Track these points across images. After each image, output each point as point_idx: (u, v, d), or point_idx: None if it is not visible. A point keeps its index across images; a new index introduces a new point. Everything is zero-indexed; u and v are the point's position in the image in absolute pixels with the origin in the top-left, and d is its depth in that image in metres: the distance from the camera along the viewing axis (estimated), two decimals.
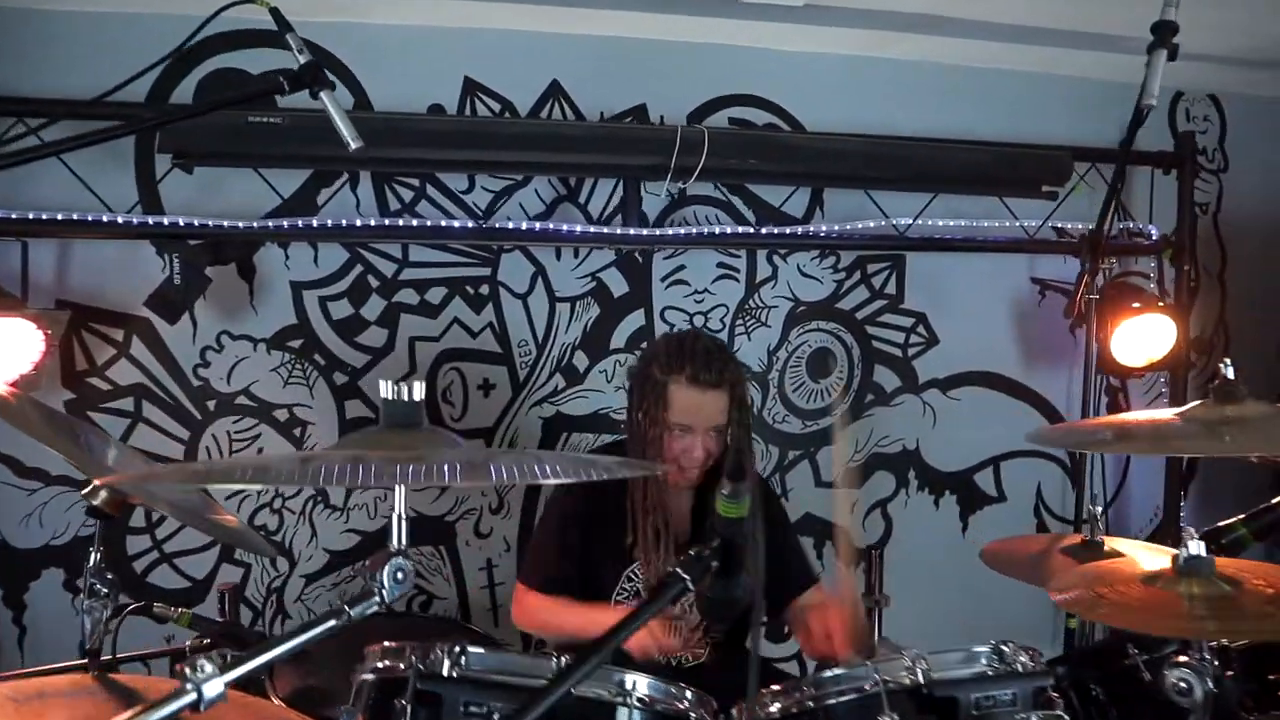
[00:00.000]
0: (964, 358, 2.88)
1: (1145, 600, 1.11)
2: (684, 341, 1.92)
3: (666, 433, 1.88)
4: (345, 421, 2.43)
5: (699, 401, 1.86)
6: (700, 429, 1.88)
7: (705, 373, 1.85)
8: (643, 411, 1.92)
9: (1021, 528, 2.97)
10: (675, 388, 1.87)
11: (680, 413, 1.87)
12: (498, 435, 2.55)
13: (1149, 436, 1.30)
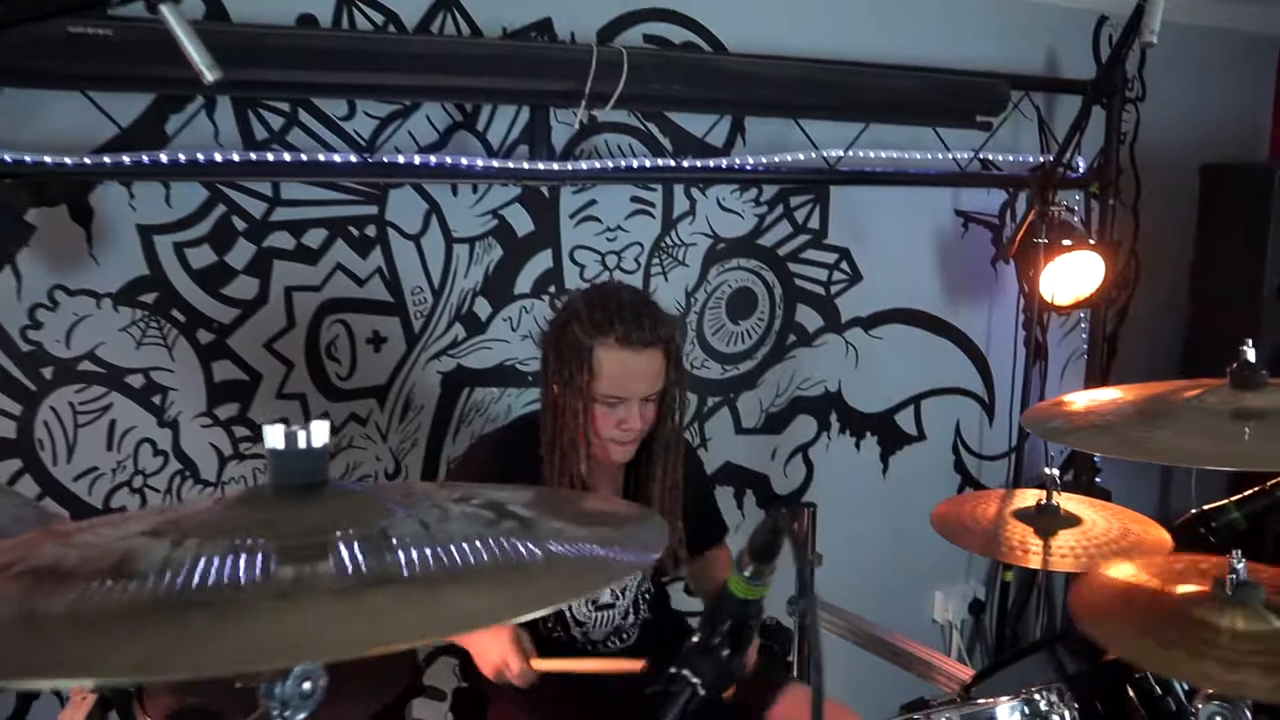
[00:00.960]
0: (887, 295, 2.76)
1: (1169, 632, 0.96)
2: (606, 295, 1.70)
3: (594, 405, 1.67)
4: (213, 386, 2.11)
5: (633, 366, 1.64)
6: (635, 398, 1.67)
7: (637, 330, 1.63)
8: (562, 382, 1.69)
9: (940, 466, 2.93)
10: (603, 352, 1.65)
11: (611, 381, 1.65)
12: (392, 393, 2.28)
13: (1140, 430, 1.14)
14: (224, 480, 2.15)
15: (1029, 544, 1.63)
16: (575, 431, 1.69)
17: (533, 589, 0.68)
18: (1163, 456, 0.94)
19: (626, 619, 1.86)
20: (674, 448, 1.78)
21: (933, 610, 2.95)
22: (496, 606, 0.65)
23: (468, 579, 0.67)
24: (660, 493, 1.78)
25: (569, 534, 0.76)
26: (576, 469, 1.72)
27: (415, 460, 2.32)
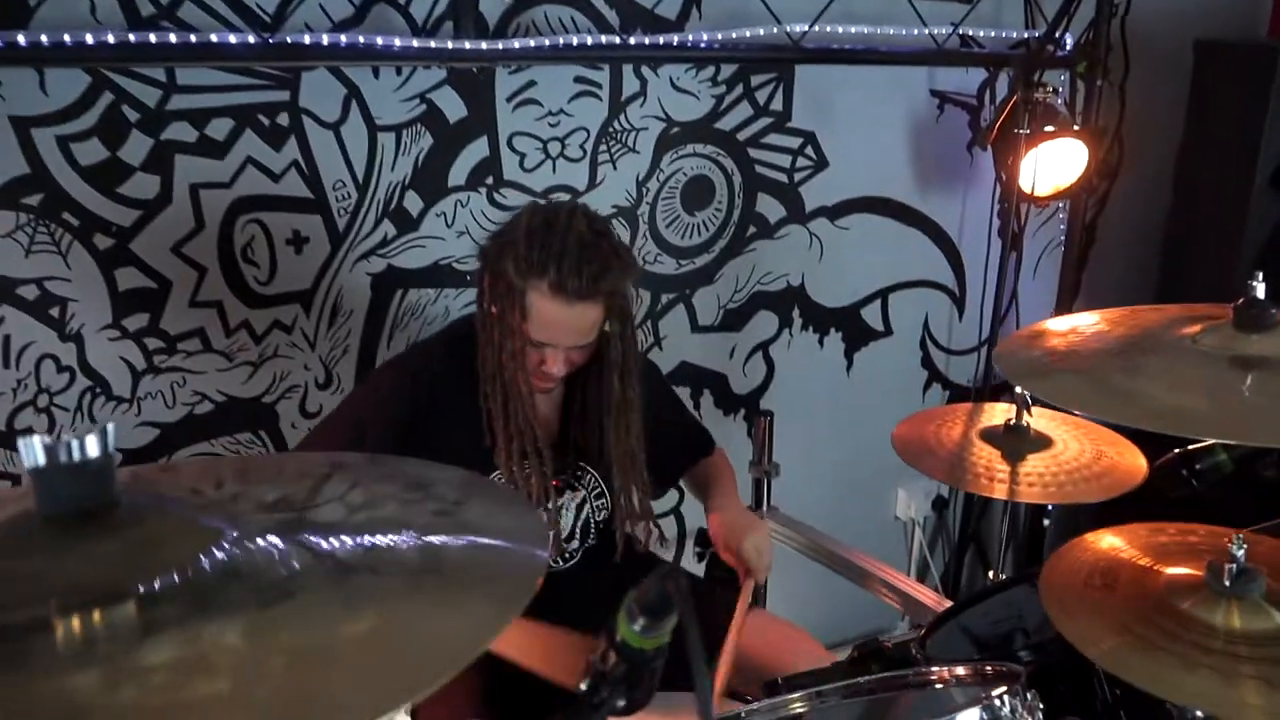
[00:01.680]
0: (854, 182, 2.58)
1: (1154, 630, 0.83)
2: (551, 229, 1.49)
3: (524, 342, 1.52)
4: (119, 296, 1.93)
5: (564, 318, 1.49)
6: (564, 346, 1.52)
7: (574, 279, 1.46)
8: (495, 314, 1.53)
9: (907, 363, 2.82)
10: (535, 296, 1.48)
11: (539, 328, 1.50)
12: (318, 297, 2.10)
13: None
14: (140, 396, 2.00)
15: (995, 470, 1.52)
16: (515, 368, 1.55)
17: (422, 659, 0.53)
18: (1150, 419, 0.80)
19: (570, 542, 1.75)
20: (624, 411, 1.64)
21: (895, 507, 2.90)
22: (372, 698, 0.49)
23: (332, 650, 0.52)
24: (617, 460, 1.67)
25: (442, 557, 0.62)
26: (516, 389, 1.57)
27: (348, 368, 2.17)
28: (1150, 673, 0.81)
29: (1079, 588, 0.91)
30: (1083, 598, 0.90)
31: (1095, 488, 1.41)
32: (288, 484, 0.73)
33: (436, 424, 1.65)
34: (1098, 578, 0.92)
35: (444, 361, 1.67)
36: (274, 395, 2.12)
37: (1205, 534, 1.00)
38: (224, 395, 2.07)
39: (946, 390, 2.90)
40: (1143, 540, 0.99)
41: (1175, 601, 0.90)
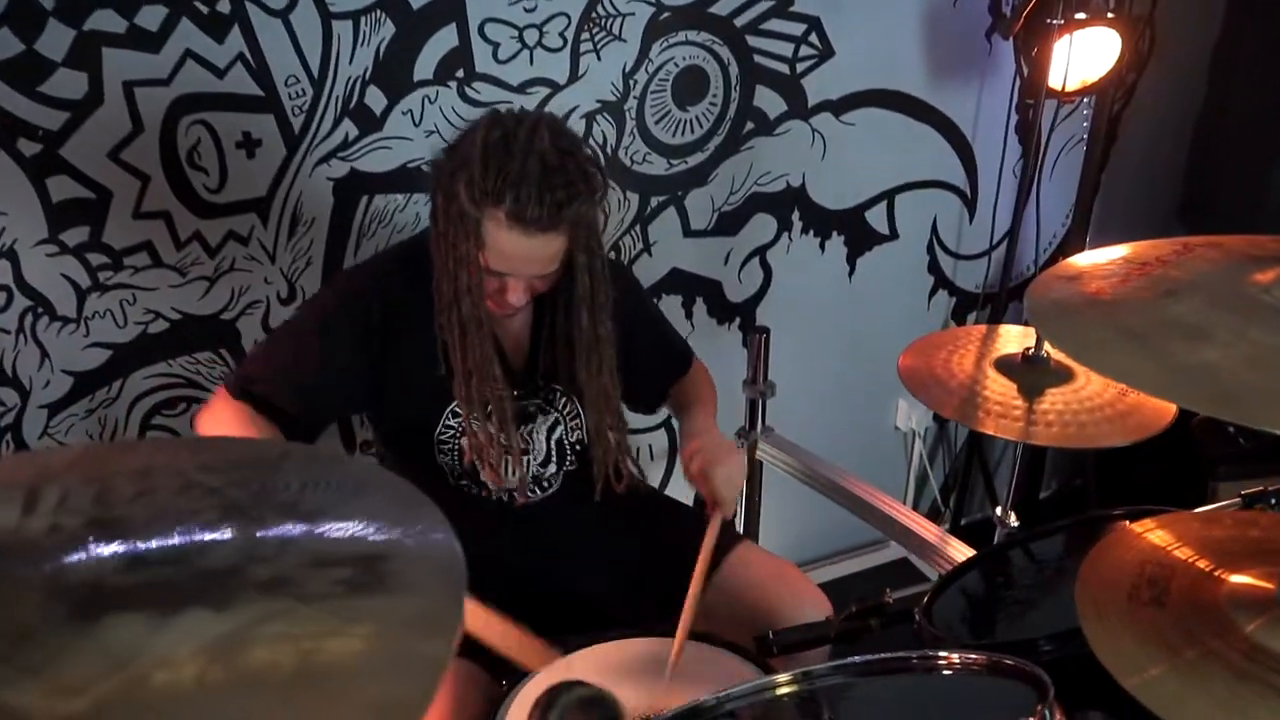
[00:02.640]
0: (862, 73, 2.36)
1: (1207, 657, 0.68)
2: (510, 149, 1.32)
3: (480, 272, 1.37)
4: (53, 208, 1.76)
5: (523, 248, 1.34)
6: (524, 276, 1.37)
7: (535, 208, 1.30)
8: (449, 239, 1.38)
9: (913, 268, 2.66)
10: (492, 225, 1.33)
11: (498, 258, 1.35)
12: (275, 205, 1.93)
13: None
14: (86, 316, 1.85)
15: (1011, 406, 1.39)
16: (473, 301, 1.42)
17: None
18: (1224, 406, 0.64)
19: (546, 468, 1.63)
20: (596, 347, 1.50)
21: (896, 418, 2.79)
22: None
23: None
24: (591, 401, 1.55)
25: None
26: (475, 321, 1.43)
27: (312, 281, 2.02)
28: (1200, 717, 0.67)
29: (1122, 601, 0.77)
30: (1127, 614, 0.77)
31: (1118, 429, 1.29)
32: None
33: (389, 351, 1.53)
34: (1145, 588, 0.77)
35: (397, 282, 1.53)
36: (234, 311, 1.97)
37: (1269, 525, 0.87)
38: (179, 313, 1.92)
39: (953, 297, 2.74)
40: (1197, 534, 0.84)
41: (1238, 621, 0.75)
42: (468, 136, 1.37)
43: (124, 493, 0.55)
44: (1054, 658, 0.87)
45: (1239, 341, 0.73)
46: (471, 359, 1.44)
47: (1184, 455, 2.22)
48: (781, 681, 0.92)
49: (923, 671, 0.91)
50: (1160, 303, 0.84)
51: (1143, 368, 0.73)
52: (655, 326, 1.80)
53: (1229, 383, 0.68)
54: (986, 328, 1.62)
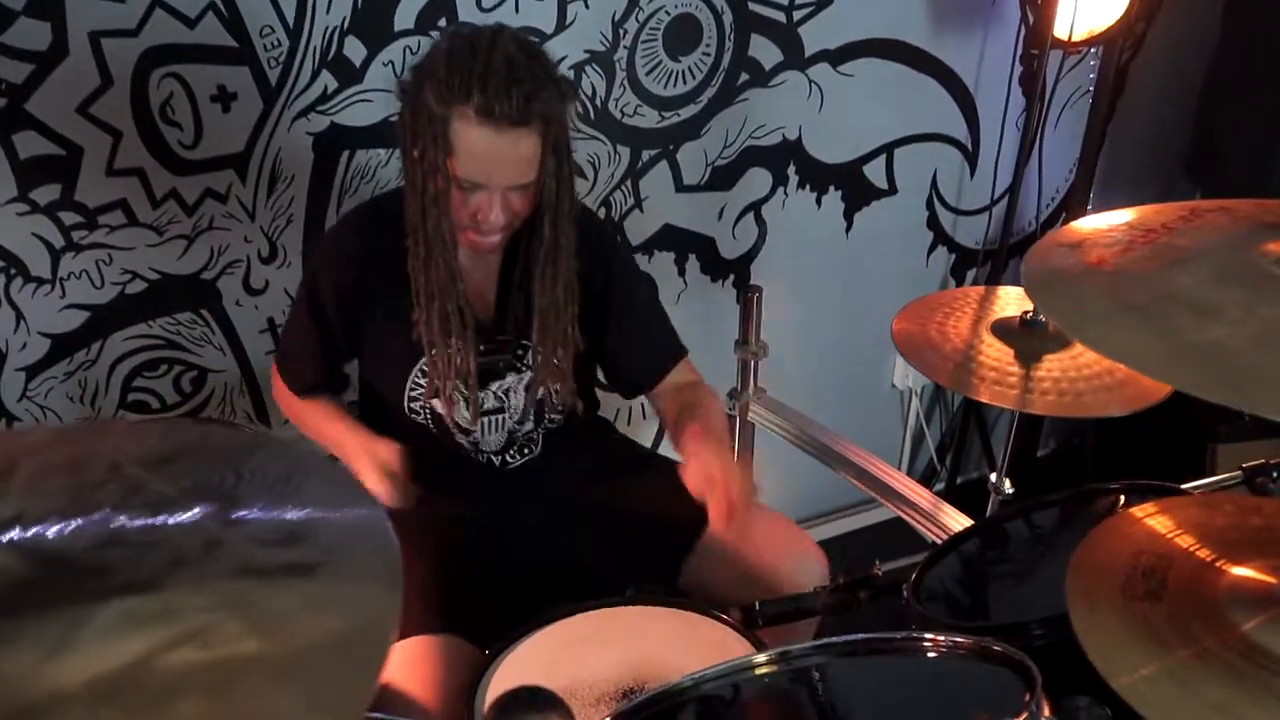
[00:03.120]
0: (861, 22, 2.28)
1: (1203, 659, 0.64)
2: (475, 49, 1.26)
3: (453, 187, 1.31)
4: (21, 165, 1.70)
5: (495, 148, 1.27)
6: (496, 186, 1.30)
7: (504, 102, 1.24)
8: (419, 153, 1.32)
9: (912, 223, 2.61)
10: (460, 125, 1.27)
11: (468, 163, 1.29)
12: (253, 161, 1.87)
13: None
14: (61, 276, 1.80)
15: (1007, 373, 1.35)
16: (439, 213, 1.35)
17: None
18: (1229, 392, 0.60)
19: (522, 425, 1.59)
20: (554, 257, 1.43)
21: (893, 376, 2.75)
22: None
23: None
24: (540, 311, 1.47)
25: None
26: (444, 255, 1.39)
27: (293, 239, 1.97)
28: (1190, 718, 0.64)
29: (1116, 594, 0.74)
30: (1120, 608, 0.73)
31: (1117, 399, 1.25)
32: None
33: (363, 306, 1.49)
34: (1140, 581, 0.74)
35: (369, 234, 1.48)
36: (214, 271, 1.93)
37: (1274, 512, 0.82)
38: (158, 273, 1.88)
39: (953, 253, 2.69)
40: (1197, 520, 0.80)
41: (1236, 618, 0.71)
42: (431, 50, 1.32)
43: (87, 479, 0.52)
44: (1046, 643, 0.83)
45: (1247, 319, 0.68)
46: (434, 279, 1.39)
47: (1184, 418, 2.19)
48: (759, 662, 0.89)
49: (907, 654, 0.88)
50: (1165, 274, 0.80)
51: (1144, 347, 0.68)
52: (648, 309, 1.69)
53: (1235, 366, 0.63)
54: (985, 289, 1.57)
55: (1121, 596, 0.74)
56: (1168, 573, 0.75)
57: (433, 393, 1.51)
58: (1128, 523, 0.82)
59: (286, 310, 2.00)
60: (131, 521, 0.46)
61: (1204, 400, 0.78)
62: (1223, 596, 0.73)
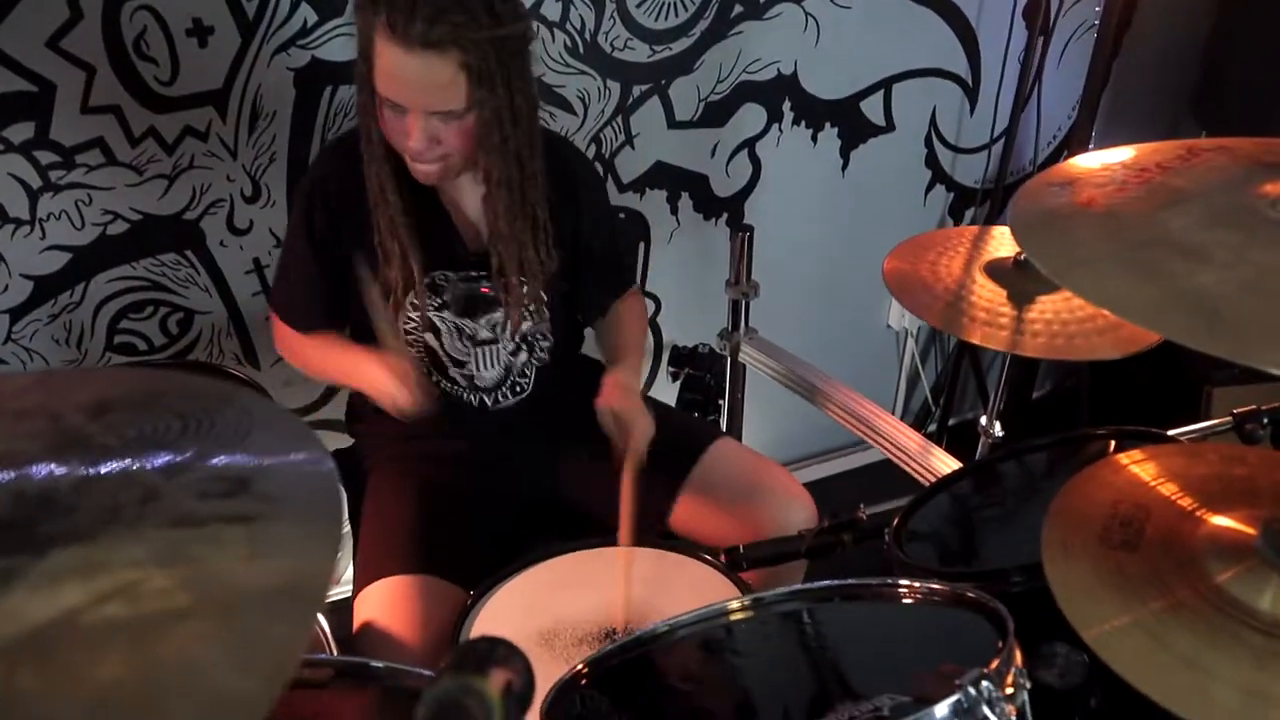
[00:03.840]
0: None
1: (1175, 611, 0.63)
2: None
3: (381, 105, 1.28)
4: None
5: (405, 68, 1.21)
6: (417, 108, 1.26)
7: (410, 22, 1.18)
8: (356, 66, 1.30)
9: (910, 161, 2.56)
10: (379, 40, 1.22)
11: (385, 81, 1.24)
12: (233, 98, 1.83)
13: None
14: (41, 217, 1.77)
15: (998, 315, 1.32)
16: (363, 112, 1.32)
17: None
18: (1215, 341, 0.58)
19: (516, 357, 1.57)
20: (505, 193, 1.37)
21: (888, 317, 2.73)
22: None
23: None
24: (496, 240, 1.43)
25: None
26: (367, 132, 1.35)
27: (276, 178, 1.93)
28: (1161, 675, 0.62)
29: (1092, 542, 0.72)
30: (1096, 557, 0.72)
31: (1107, 342, 1.23)
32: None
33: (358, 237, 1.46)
34: (1118, 530, 0.72)
35: (345, 166, 1.42)
36: (196, 211, 1.89)
37: (1258, 463, 0.80)
38: (139, 213, 1.84)
39: (951, 192, 2.64)
40: (1181, 469, 0.78)
41: (1212, 569, 0.70)
42: None
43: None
44: (1025, 590, 0.83)
45: (1239, 263, 0.66)
46: (374, 181, 1.36)
47: (1178, 362, 2.17)
48: (734, 607, 0.89)
49: (884, 600, 0.88)
50: (1157, 216, 0.77)
51: (1130, 293, 0.66)
52: (610, 232, 1.66)
53: (1224, 313, 0.61)
54: (979, 229, 1.53)
55: (1098, 545, 0.72)
56: (1146, 522, 0.73)
57: (425, 325, 1.50)
58: (1110, 470, 0.81)
59: (272, 251, 1.97)
60: (67, 473, 0.44)
61: (1194, 353, 0.75)
62: (1200, 547, 0.71)
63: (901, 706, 0.65)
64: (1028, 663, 0.80)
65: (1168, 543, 0.72)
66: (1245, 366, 0.70)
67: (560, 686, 0.81)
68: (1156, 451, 0.83)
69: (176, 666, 0.36)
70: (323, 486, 0.46)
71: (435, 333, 1.51)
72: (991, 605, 0.76)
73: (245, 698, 0.38)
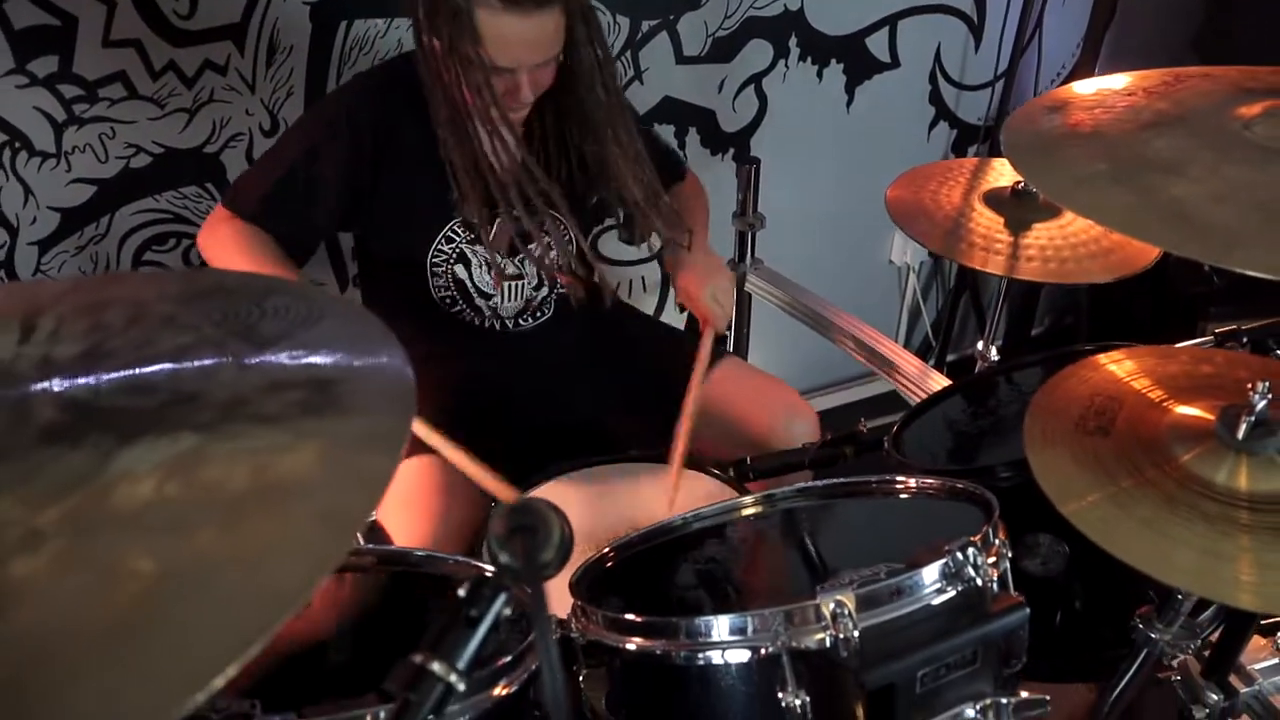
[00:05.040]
0: None
1: (1139, 487, 0.70)
2: None
3: (487, 72, 1.34)
4: (16, 36, 1.70)
5: (521, 32, 1.31)
6: (529, 65, 1.33)
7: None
8: (441, 48, 1.34)
9: (914, 98, 2.59)
10: (485, 15, 1.29)
11: (498, 50, 1.32)
12: (250, 32, 1.86)
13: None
14: (66, 150, 1.82)
15: (994, 240, 1.38)
16: (477, 95, 1.37)
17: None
18: (1189, 243, 0.64)
19: (539, 291, 1.65)
20: (619, 117, 1.48)
21: (890, 252, 2.78)
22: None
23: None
24: (620, 171, 1.52)
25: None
26: (489, 125, 1.41)
27: (294, 111, 1.97)
28: (1129, 540, 0.71)
29: (1069, 429, 0.80)
30: (1073, 442, 0.79)
31: (1100, 266, 1.29)
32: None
33: (381, 176, 1.51)
34: (1092, 418, 0.80)
35: (388, 104, 1.49)
36: (216, 144, 1.94)
37: (1224, 362, 0.88)
38: (161, 146, 1.89)
39: (954, 129, 2.67)
40: (1155, 368, 0.85)
41: (1176, 451, 0.79)
42: None
43: (110, 324, 0.57)
44: (1012, 484, 0.90)
45: (1210, 178, 0.72)
46: (470, 162, 1.43)
47: (1173, 293, 2.22)
48: (747, 503, 0.96)
49: (882, 495, 0.95)
50: (1141, 136, 0.83)
51: (1110, 203, 0.72)
52: (644, 131, 1.75)
53: (1194, 220, 0.67)
54: (979, 160, 1.59)
55: (1074, 431, 0.80)
56: (1118, 412, 0.81)
57: (457, 258, 1.56)
58: (1088, 369, 0.88)
59: None
60: (152, 366, 0.50)
61: (1180, 275, 0.81)
62: (1166, 432, 0.79)
63: (896, 570, 0.73)
64: (1014, 552, 0.88)
65: (1137, 429, 0.79)
66: (1236, 296, 0.76)
67: (589, 564, 0.89)
68: (1133, 353, 0.90)
69: (263, 534, 0.42)
70: (397, 375, 0.52)
71: (466, 264, 1.57)
72: (980, 493, 0.83)
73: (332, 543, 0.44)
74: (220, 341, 0.53)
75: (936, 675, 0.69)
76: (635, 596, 0.86)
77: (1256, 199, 0.68)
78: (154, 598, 0.36)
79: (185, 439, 0.45)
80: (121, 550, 0.38)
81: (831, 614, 0.69)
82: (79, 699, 0.33)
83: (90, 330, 0.52)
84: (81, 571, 0.37)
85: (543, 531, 0.50)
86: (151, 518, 0.40)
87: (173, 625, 0.35)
